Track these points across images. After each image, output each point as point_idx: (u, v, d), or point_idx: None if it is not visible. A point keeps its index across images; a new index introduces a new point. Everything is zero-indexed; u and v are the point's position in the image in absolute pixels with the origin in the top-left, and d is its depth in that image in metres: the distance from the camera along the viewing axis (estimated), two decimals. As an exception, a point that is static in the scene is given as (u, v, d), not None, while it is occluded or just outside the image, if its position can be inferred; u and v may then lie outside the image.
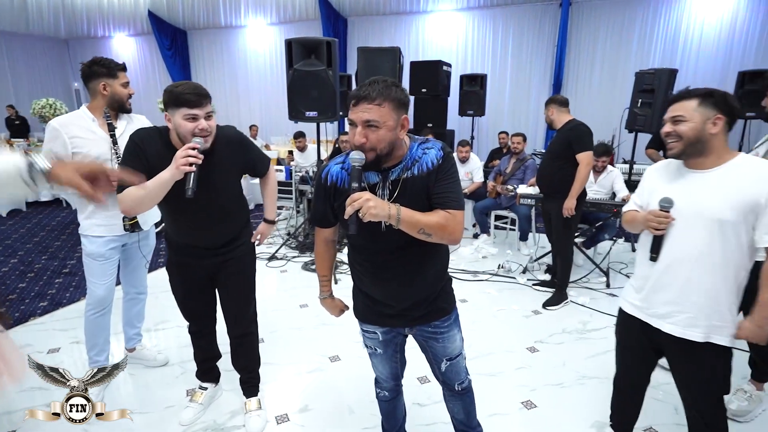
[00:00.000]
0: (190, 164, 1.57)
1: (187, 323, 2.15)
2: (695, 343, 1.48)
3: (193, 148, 1.59)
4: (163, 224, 1.97)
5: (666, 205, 1.47)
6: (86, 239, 2.21)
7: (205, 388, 2.25)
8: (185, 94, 1.61)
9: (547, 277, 3.90)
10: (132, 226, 2.23)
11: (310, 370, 2.58)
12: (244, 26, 10.38)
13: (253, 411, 2.14)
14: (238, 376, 2.21)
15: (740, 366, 2.22)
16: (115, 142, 2.14)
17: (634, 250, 4.61)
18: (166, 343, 2.85)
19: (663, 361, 1.69)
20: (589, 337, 2.94)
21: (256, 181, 2.11)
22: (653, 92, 4.51)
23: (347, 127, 1.35)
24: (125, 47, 11.62)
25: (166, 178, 1.60)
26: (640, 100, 4.76)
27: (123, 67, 2.20)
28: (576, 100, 8.06)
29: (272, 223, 2.16)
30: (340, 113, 4.40)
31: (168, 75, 11.03)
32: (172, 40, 10.76)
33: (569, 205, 3.16)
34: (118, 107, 2.17)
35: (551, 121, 3.32)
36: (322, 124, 4.23)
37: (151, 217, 2.36)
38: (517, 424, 2.16)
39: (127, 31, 11.41)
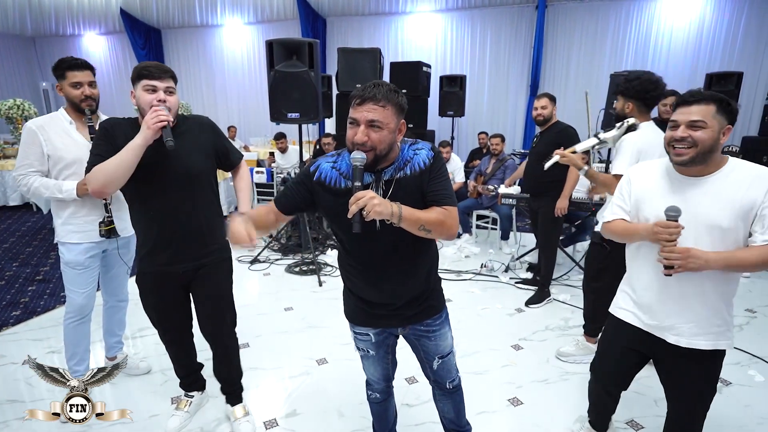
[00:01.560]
0: (161, 121, 1.60)
1: (162, 338, 2.07)
2: (700, 351, 1.47)
3: (159, 125, 1.61)
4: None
5: (674, 214, 1.36)
6: (64, 247, 2.13)
7: (192, 396, 2.21)
8: (146, 68, 1.67)
9: (529, 275, 3.97)
10: (108, 231, 2.13)
11: (297, 374, 2.56)
12: (220, 25, 10.21)
13: (242, 418, 2.11)
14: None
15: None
16: None
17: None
18: (147, 351, 2.79)
19: None
20: (571, 334, 3.00)
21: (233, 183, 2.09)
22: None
23: (329, 129, 1.35)
24: (96, 46, 11.29)
25: (138, 143, 1.61)
26: (614, 101, 4.89)
27: (76, 65, 2.02)
28: (553, 101, 8.24)
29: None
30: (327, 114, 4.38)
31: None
32: (146, 39, 10.50)
33: (563, 204, 3.24)
34: (77, 109, 2.05)
35: (544, 116, 3.27)
36: (303, 125, 4.21)
37: (130, 224, 2.28)
38: (505, 421, 2.20)
39: (98, 30, 11.08)
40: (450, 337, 1.63)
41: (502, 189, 4.28)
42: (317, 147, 5.46)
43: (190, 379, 2.19)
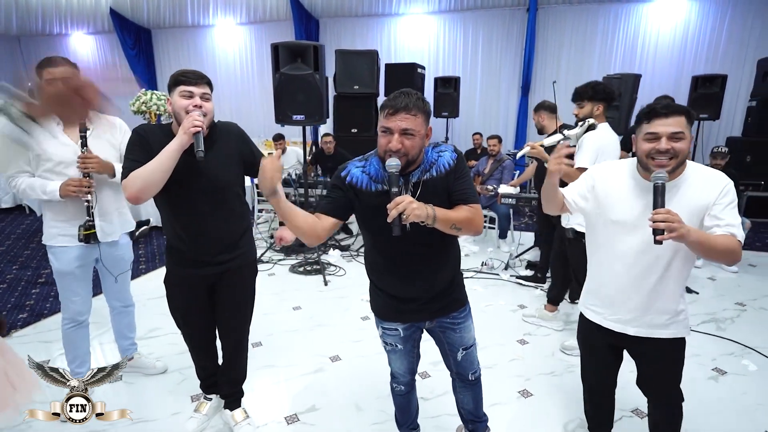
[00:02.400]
0: (195, 126, 1.63)
1: (187, 341, 2.10)
2: (661, 339, 1.57)
3: (195, 126, 1.65)
4: (142, 229, 1.94)
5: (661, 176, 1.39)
6: (52, 254, 2.10)
7: (210, 399, 2.23)
8: (183, 74, 1.72)
9: (529, 272, 4.08)
10: (87, 236, 2.07)
11: (312, 371, 2.62)
12: (212, 26, 10.16)
13: (242, 422, 2.11)
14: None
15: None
16: (84, 144, 2.01)
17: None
18: (162, 351, 2.81)
19: None
20: (573, 328, 3.06)
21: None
22: (619, 96, 4.79)
23: (326, 129, 1.43)
24: (83, 46, 11.13)
25: (174, 148, 1.64)
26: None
27: (51, 63, 1.92)
28: (544, 103, 8.39)
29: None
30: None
31: (132, 75, 10.66)
32: (135, 39, 10.40)
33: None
34: None
35: (542, 127, 3.46)
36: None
37: (119, 227, 2.23)
38: (517, 411, 2.29)
39: (86, 29, 10.93)
40: (473, 329, 1.72)
41: (503, 189, 4.39)
42: (320, 147, 5.50)
43: (210, 381, 2.21)
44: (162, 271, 4.12)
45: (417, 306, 1.59)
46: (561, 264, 3.05)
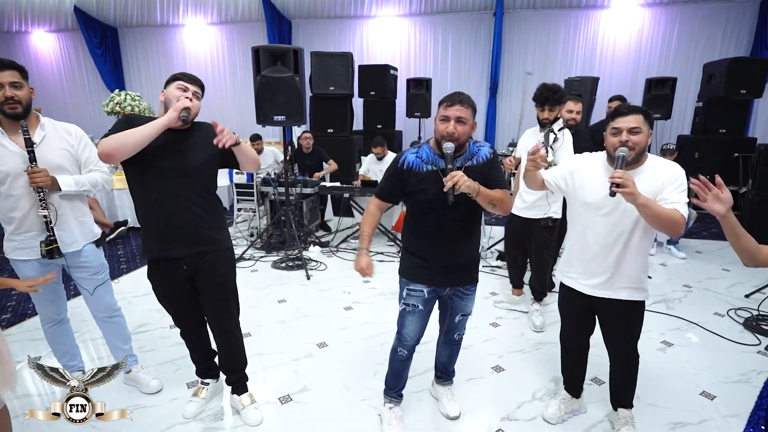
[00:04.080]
0: (186, 102, 1.85)
1: (179, 328, 2.21)
2: (621, 301, 1.88)
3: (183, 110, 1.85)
4: (120, 230, 2.03)
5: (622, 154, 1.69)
6: (14, 266, 2.07)
7: (207, 384, 2.35)
8: (183, 74, 1.94)
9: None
10: (49, 252, 2.02)
11: (301, 357, 2.79)
12: (182, 25, 10.06)
13: (249, 405, 2.22)
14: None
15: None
16: (32, 159, 1.94)
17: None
18: (153, 344, 2.91)
19: None
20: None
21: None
22: (580, 96, 5.15)
23: (295, 135, 1.66)
24: (45, 44, 10.79)
25: (161, 122, 1.79)
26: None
27: None
28: (511, 104, 8.79)
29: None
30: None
31: (98, 75, 10.43)
32: (101, 38, 10.18)
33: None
34: (5, 114, 1.92)
35: (573, 118, 3.40)
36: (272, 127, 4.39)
37: (80, 237, 2.16)
38: (491, 384, 2.53)
39: (48, 27, 10.61)
40: (473, 303, 2.09)
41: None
42: (294, 146, 5.63)
43: (206, 365, 2.34)
44: (143, 270, 4.19)
45: (444, 272, 1.91)
46: (518, 252, 3.35)
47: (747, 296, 3.65)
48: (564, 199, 2.84)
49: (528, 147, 3.02)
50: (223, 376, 2.35)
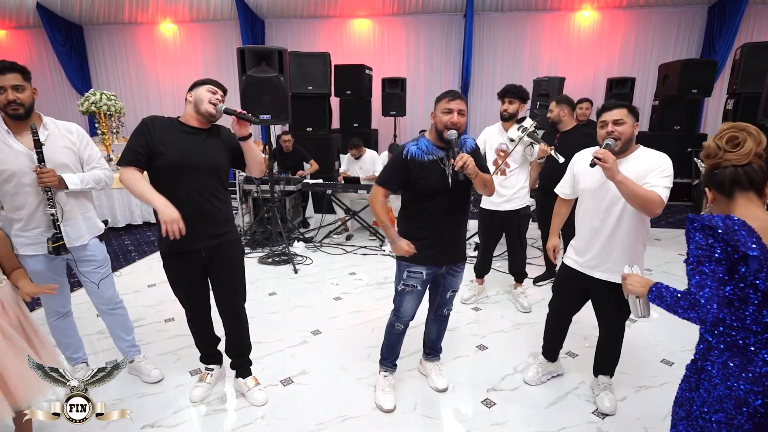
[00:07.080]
0: (216, 100, 2.08)
1: (187, 315, 2.33)
2: (612, 284, 2.06)
3: (215, 104, 2.07)
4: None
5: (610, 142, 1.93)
6: (22, 260, 2.11)
7: (212, 369, 2.46)
8: (212, 80, 2.13)
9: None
10: (56, 249, 2.10)
11: (297, 343, 2.93)
12: (151, 23, 9.90)
13: (254, 388, 2.36)
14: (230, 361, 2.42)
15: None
16: (41, 159, 2.00)
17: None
18: (151, 338, 2.98)
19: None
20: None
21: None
22: (548, 96, 5.47)
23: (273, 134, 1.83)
24: (5, 41, 10.38)
25: (155, 203, 1.91)
26: (538, 103, 5.73)
27: None
28: (482, 103, 9.11)
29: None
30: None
31: (63, 73, 10.13)
32: (66, 36, 9.88)
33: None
34: (8, 115, 1.98)
35: (560, 120, 3.51)
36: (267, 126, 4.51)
37: (86, 231, 2.25)
38: (476, 361, 2.75)
39: (8, 24, 10.21)
40: (462, 278, 2.33)
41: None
42: (278, 144, 5.73)
43: (210, 351, 2.46)
44: (130, 269, 4.21)
45: (446, 250, 2.15)
46: (493, 245, 3.59)
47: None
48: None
49: (492, 143, 3.37)
50: (226, 362, 2.49)
